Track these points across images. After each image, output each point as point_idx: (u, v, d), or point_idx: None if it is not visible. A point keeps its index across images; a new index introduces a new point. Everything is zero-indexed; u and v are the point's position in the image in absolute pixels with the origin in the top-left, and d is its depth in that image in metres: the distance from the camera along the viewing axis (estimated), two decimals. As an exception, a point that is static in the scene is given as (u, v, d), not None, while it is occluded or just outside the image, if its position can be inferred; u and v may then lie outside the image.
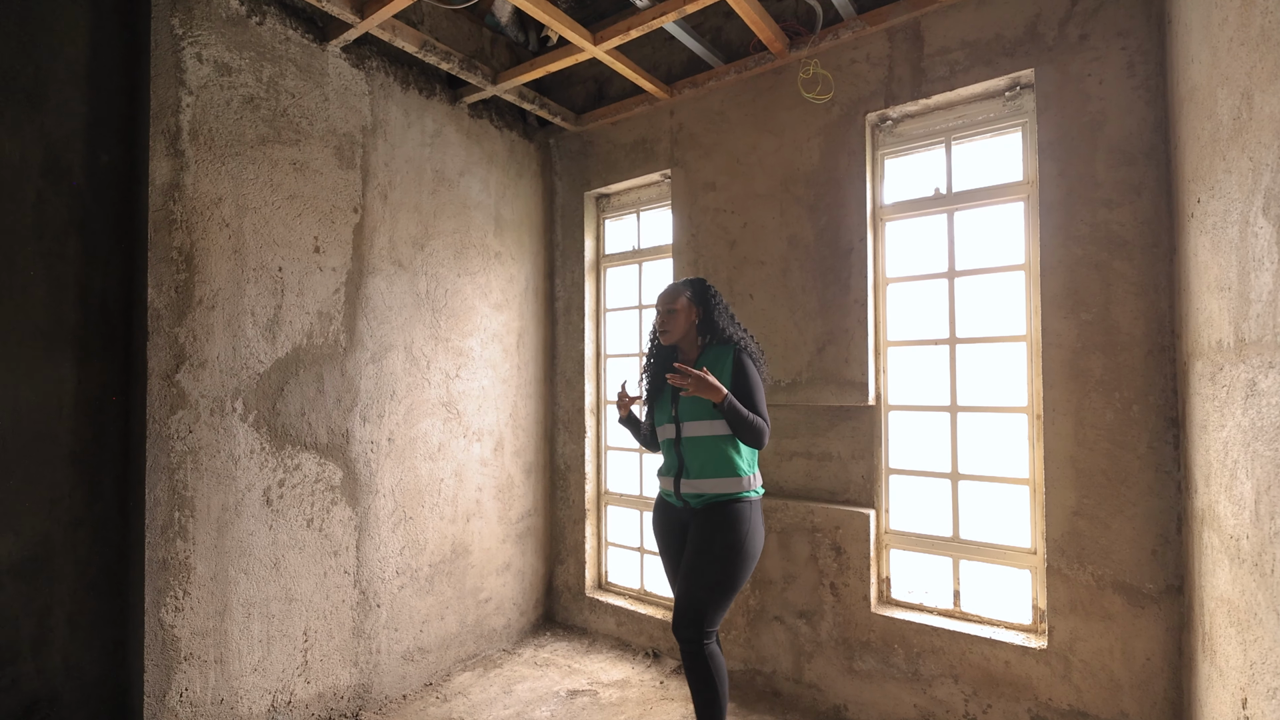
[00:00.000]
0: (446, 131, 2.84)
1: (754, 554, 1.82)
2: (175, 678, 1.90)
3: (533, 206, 3.32)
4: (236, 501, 2.06)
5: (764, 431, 1.81)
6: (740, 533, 1.80)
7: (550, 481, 3.40)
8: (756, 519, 1.84)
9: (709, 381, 1.73)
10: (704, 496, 1.86)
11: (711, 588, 1.78)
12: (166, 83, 1.91)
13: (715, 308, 1.98)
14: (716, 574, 1.78)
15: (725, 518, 1.81)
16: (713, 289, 2.02)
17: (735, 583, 1.79)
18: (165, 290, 1.90)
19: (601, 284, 3.41)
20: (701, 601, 1.78)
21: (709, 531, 1.82)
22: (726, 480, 1.83)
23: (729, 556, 1.78)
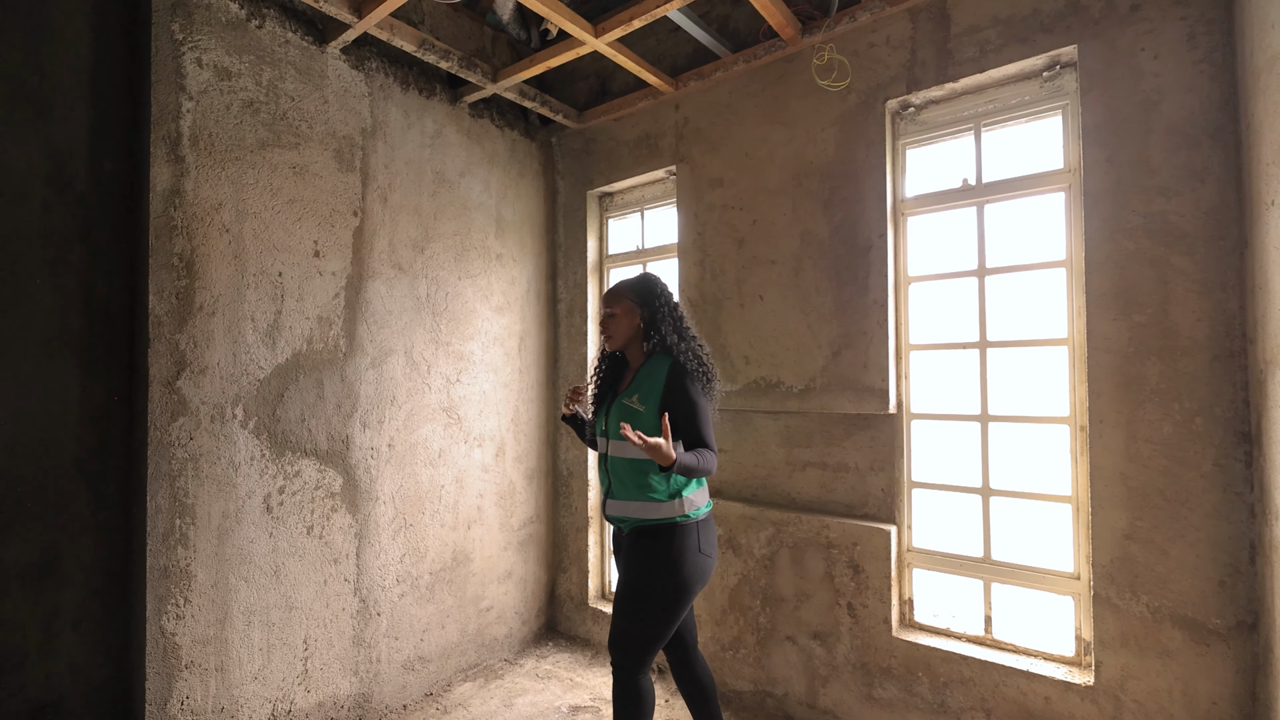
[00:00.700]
0: (447, 132, 2.91)
1: (686, 584, 1.71)
2: (176, 685, 1.99)
3: (535, 207, 3.39)
4: (237, 509, 2.14)
5: (710, 464, 1.72)
6: (659, 563, 1.71)
7: (553, 488, 3.46)
8: (684, 545, 1.72)
9: (662, 451, 1.59)
10: (629, 521, 1.80)
11: (641, 619, 1.72)
12: (167, 88, 2.00)
13: (658, 311, 1.85)
14: (644, 606, 1.72)
15: (651, 546, 1.73)
16: (662, 288, 1.90)
17: (660, 616, 1.71)
18: (166, 297, 1.99)
19: (604, 285, 3.47)
20: (628, 635, 1.73)
21: (634, 560, 1.76)
22: (648, 505, 1.75)
23: (650, 589, 1.71)
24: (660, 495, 1.75)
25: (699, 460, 1.69)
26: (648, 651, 1.73)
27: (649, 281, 1.94)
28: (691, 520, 1.78)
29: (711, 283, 2.93)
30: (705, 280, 2.94)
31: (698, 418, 1.75)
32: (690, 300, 2.98)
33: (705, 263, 2.95)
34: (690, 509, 1.78)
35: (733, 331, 2.84)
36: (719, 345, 2.87)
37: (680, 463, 1.65)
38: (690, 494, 1.79)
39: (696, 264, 2.98)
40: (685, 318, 1.93)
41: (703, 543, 1.77)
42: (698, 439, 1.74)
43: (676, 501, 1.75)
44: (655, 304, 1.88)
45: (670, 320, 1.87)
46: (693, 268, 2.99)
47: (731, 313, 2.85)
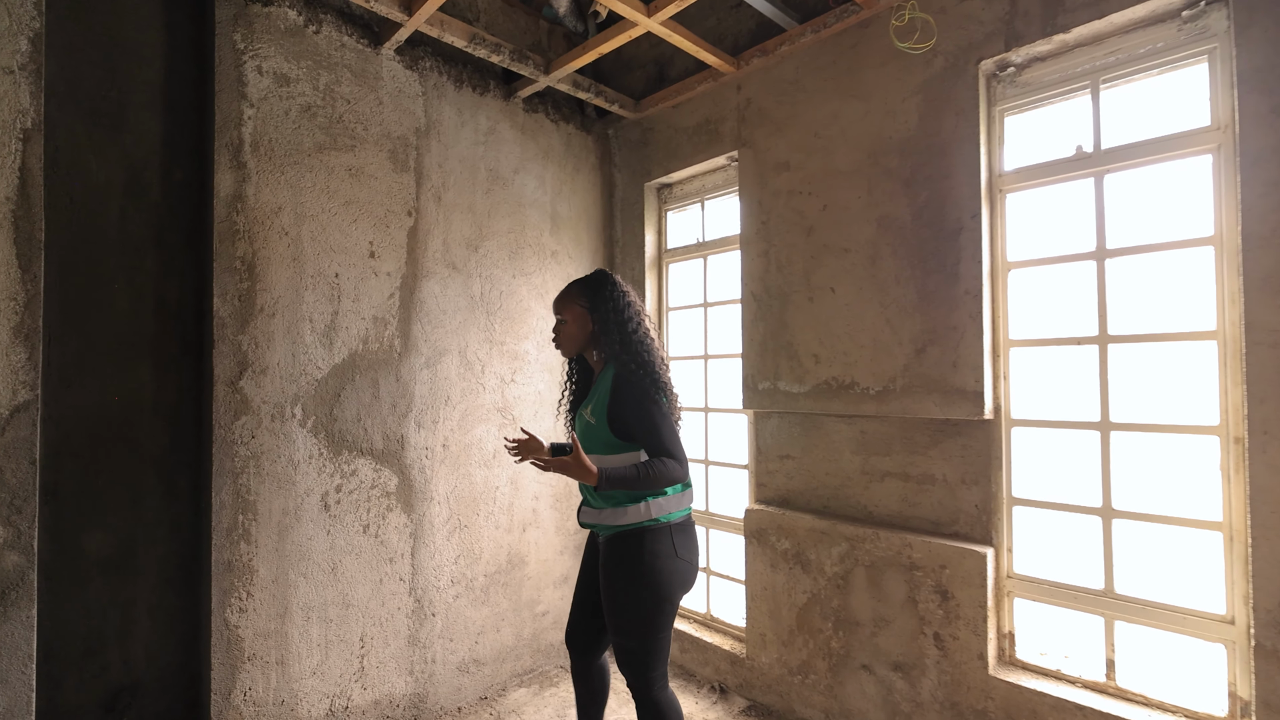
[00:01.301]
0: (500, 128, 2.90)
1: (660, 591, 1.69)
2: (239, 677, 2.07)
3: (591, 201, 3.32)
4: (296, 506, 2.21)
5: (667, 474, 1.65)
6: (637, 570, 1.68)
7: (612, 492, 3.38)
8: (658, 550, 1.70)
9: (578, 468, 1.59)
10: (602, 528, 1.78)
11: (631, 633, 1.70)
12: (229, 97, 2.08)
13: (607, 316, 1.77)
14: (629, 619, 1.70)
15: (624, 553, 1.72)
16: (611, 290, 1.81)
17: (652, 624, 1.70)
18: (229, 299, 2.08)
19: (664, 281, 3.35)
20: (628, 648, 1.72)
21: (610, 569, 1.74)
22: (618, 511, 1.73)
23: (631, 598, 1.69)
24: (633, 500, 1.72)
25: (644, 472, 1.63)
26: (655, 664, 1.72)
27: (599, 282, 1.84)
28: (663, 524, 1.73)
29: (777, 275, 2.73)
30: (770, 273, 2.75)
31: (648, 426, 1.67)
32: (754, 295, 2.80)
33: (770, 254, 2.76)
34: (660, 513, 1.73)
35: (800, 328, 2.64)
36: (784, 342, 2.68)
37: (608, 477, 1.61)
38: (659, 499, 1.74)
39: (760, 255, 2.80)
40: (636, 319, 1.81)
41: (679, 547, 1.74)
42: (656, 448, 1.67)
43: (643, 505, 1.72)
44: (603, 308, 1.79)
45: (615, 326, 1.77)
46: (756, 260, 2.81)
47: (799, 307, 2.65)
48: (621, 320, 1.78)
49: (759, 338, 2.80)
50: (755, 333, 2.81)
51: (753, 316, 2.83)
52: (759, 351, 2.79)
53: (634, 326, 1.79)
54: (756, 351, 2.80)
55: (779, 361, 2.72)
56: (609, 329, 1.77)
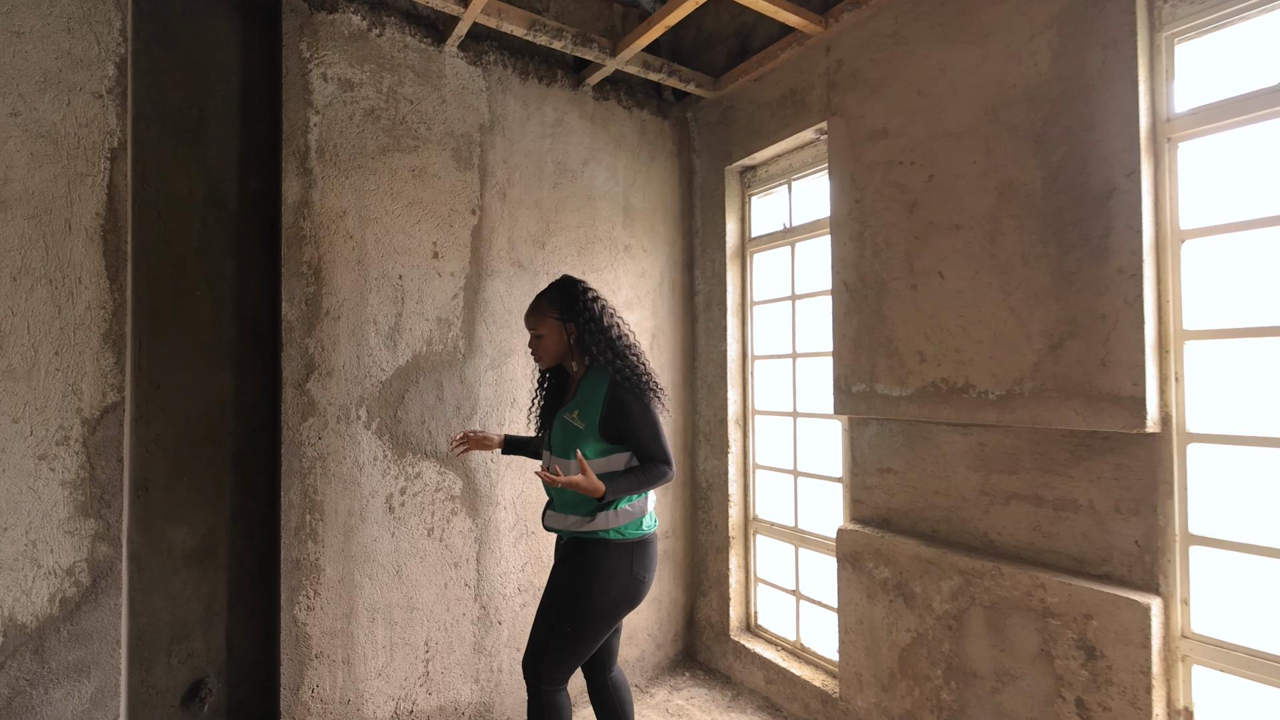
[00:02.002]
0: (569, 119, 2.78)
1: (603, 607, 1.69)
2: (307, 673, 2.11)
3: (667, 191, 3.12)
4: (361, 507, 2.22)
5: (662, 478, 1.70)
6: (585, 579, 1.69)
7: (690, 500, 3.16)
8: (614, 566, 1.70)
9: (582, 486, 1.59)
10: (565, 533, 1.79)
11: (552, 630, 1.71)
12: (296, 105, 2.13)
13: (584, 326, 1.75)
14: (557, 618, 1.71)
15: (578, 559, 1.73)
16: (583, 294, 1.79)
17: (580, 633, 1.69)
18: (297, 303, 2.12)
19: (747, 273, 3.06)
20: (542, 644, 1.72)
21: (562, 570, 1.76)
22: (582, 519, 1.72)
23: (572, 603, 1.70)
24: (593, 509, 1.71)
25: (640, 479, 1.67)
26: (564, 667, 1.72)
27: (568, 291, 1.81)
28: (627, 539, 1.74)
29: (873, 261, 2.36)
30: (865, 258, 2.39)
31: (646, 432, 1.71)
32: (845, 284, 2.45)
33: (864, 236, 2.40)
34: (626, 520, 1.73)
35: (901, 321, 2.26)
36: (882, 338, 2.31)
37: (615, 488, 1.64)
38: (626, 506, 1.73)
39: (853, 239, 2.44)
40: (616, 325, 1.80)
41: (635, 564, 1.74)
42: (648, 454, 1.71)
43: (610, 514, 1.71)
44: (580, 319, 1.77)
45: (599, 335, 1.75)
46: (848, 244, 2.45)
47: (900, 296, 2.27)
48: (603, 327, 1.76)
49: (852, 333, 2.44)
50: (848, 328, 2.46)
51: (845, 309, 2.47)
52: (852, 349, 2.44)
53: (617, 332, 1.78)
54: (849, 349, 2.45)
55: (876, 360, 2.35)
56: (594, 337, 1.75)
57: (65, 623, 1.73)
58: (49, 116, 1.74)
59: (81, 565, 1.76)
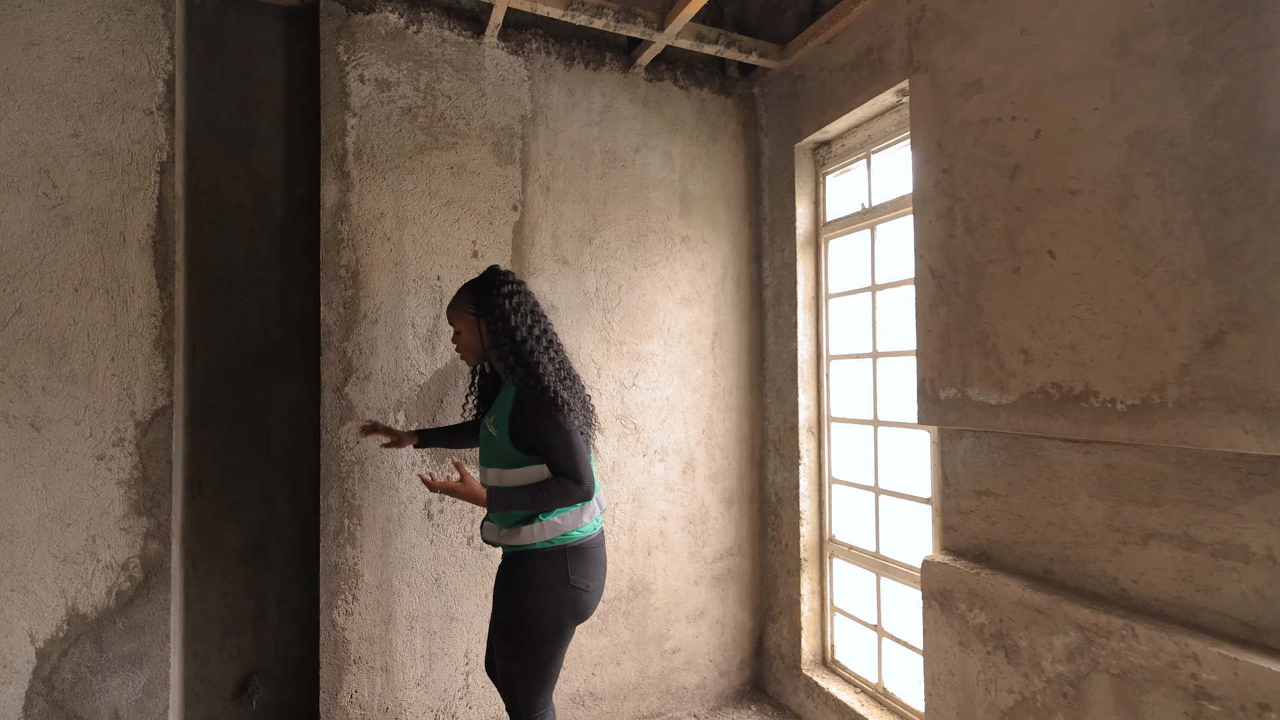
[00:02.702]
0: (618, 104, 2.61)
1: (553, 616, 1.61)
2: (346, 679, 2.11)
3: (730, 175, 2.86)
4: (399, 513, 2.20)
5: (564, 495, 1.56)
6: (521, 597, 1.61)
7: (759, 516, 2.88)
8: (546, 577, 1.61)
9: (460, 493, 1.54)
10: (498, 545, 1.69)
11: (514, 658, 1.63)
12: (334, 109, 2.14)
13: (495, 323, 1.62)
14: (513, 644, 1.63)
15: (510, 576, 1.66)
16: (500, 288, 1.65)
17: (536, 655, 1.62)
18: (335, 307, 2.13)
19: (821, 262, 2.73)
20: (510, 678, 1.65)
21: (500, 590, 1.68)
22: (511, 531, 1.64)
23: (516, 626, 1.62)
24: (516, 521, 1.63)
25: (535, 496, 1.57)
26: (537, 691, 1.65)
27: (484, 285, 1.68)
28: (556, 547, 1.64)
29: (965, 240, 1.97)
30: (955, 238, 2.00)
31: (551, 446, 1.58)
32: (931, 270, 2.07)
33: (954, 212, 2.01)
34: (555, 533, 1.63)
35: (1000, 312, 1.86)
36: (977, 333, 1.92)
37: (498, 500, 1.57)
38: (553, 518, 1.63)
39: (941, 216, 2.05)
40: (529, 323, 1.65)
41: (573, 573, 1.64)
42: (557, 468, 1.59)
43: (536, 526, 1.62)
44: (490, 315, 1.64)
45: (503, 338, 1.62)
46: (934, 223, 2.07)
47: (998, 282, 1.87)
48: (509, 328, 1.62)
49: (939, 328, 2.06)
50: (934, 322, 2.08)
51: (930, 300, 2.09)
52: (940, 347, 2.06)
53: (524, 335, 1.63)
54: (936, 347, 2.07)
55: (969, 360, 1.96)
56: (497, 338, 1.63)
57: (120, 615, 1.82)
58: (105, 135, 1.84)
59: (135, 561, 1.85)
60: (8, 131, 1.75)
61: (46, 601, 1.76)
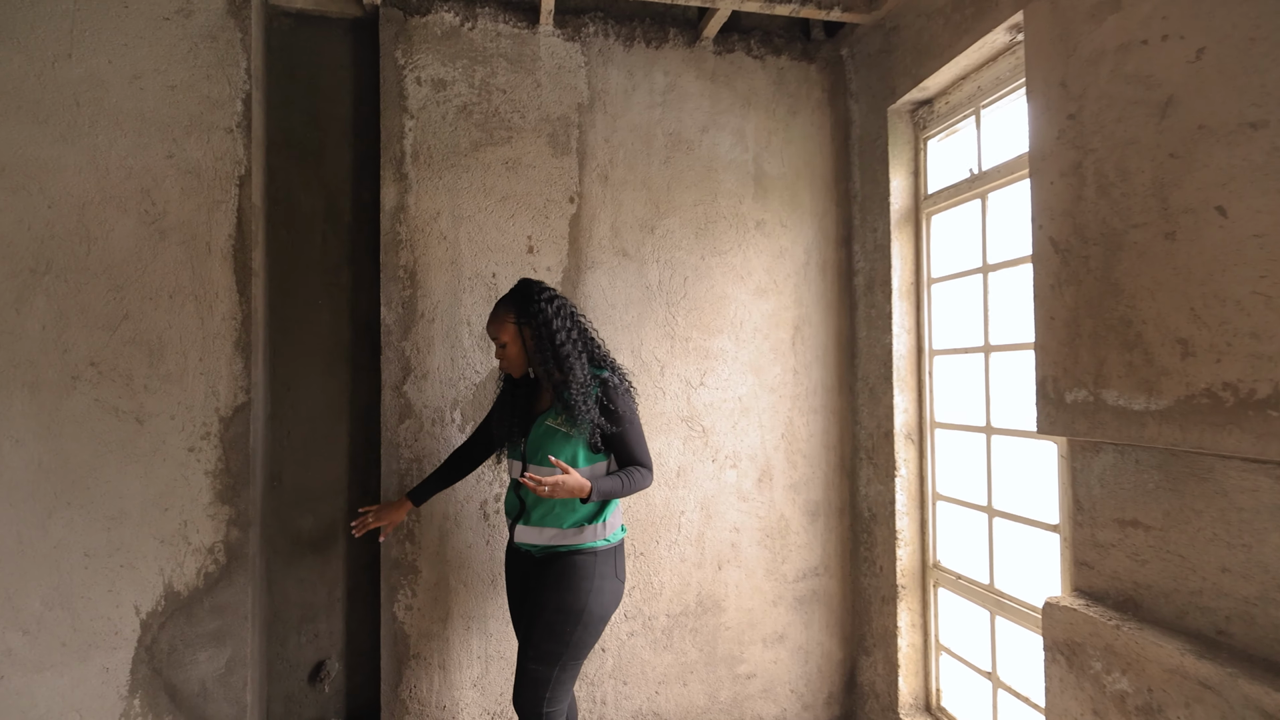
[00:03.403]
0: (683, 82, 2.44)
1: (600, 616, 1.67)
2: (405, 673, 2.15)
3: (814, 151, 2.57)
4: (455, 512, 2.20)
5: (644, 482, 1.69)
6: (580, 593, 1.65)
7: (849, 533, 2.56)
8: (603, 571, 1.69)
9: (568, 486, 1.56)
10: (540, 547, 1.72)
11: (547, 659, 1.63)
12: (393, 113, 2.19)
13: (537, 331, 1.68)
14: (552, 644, 1.63)
15: (563, 574, 1.67)
16: (540, 295, 1.70)
17: (577, 651, 1.65)
18: (394, 307, 2.18)
19: (923, 241, 2.35)
20: (537, 676, 1.64)
21: (544, 590, 1.68)
22: (567, 531, 1.68)
23: (565, 622, 1.63)
24: (587, 519, 1.70)
25: (626, 482, 1.66)
26: (563, 695, 1.66)
27: (524, 294, 1.74)
28: (610, 545, 1.72)
29: (1098, 202, 1.57)
30: (1084, 200, 1.60)
31: (628, 439, 1.69)
32: (1054, 242, 1.68)
33: (1084, 167, 1.61)
34: (610, 532, 1.73)
35: (1147, 291, 1.45)
36: (1115, 319, 1.51)
37: (599, 490, 1.61)
38: (610, 517, 1.73)
39: (1066, 173, 1.66)
40: (566, 330, 1.69)
41: (619, 568, 1.74)
42: (631, 457, 1.70)
43: (600, 525, 1.70)
44: (533, 323, 1.69)
45: (546, 342, 1.67)
46: (1057, 183, 1.68)
47: (1145, 253, 1.46)
48: (552, 331, 1.68)
49: (1064, 314, 1.66)
50: (1057, 306, 1.68)
51: (1053, 279, 1.70)
52: (1064, 337, 1.66)
53: (563, 338, 1.68)
54: (1059, 338, 1.67)
55: (1103, 353, 1.55)
56: (541, 343, 1.69)
57: (207, 595, 1.99)
58: (194, 154, 2.02)
59: (219, 546, 2.01)
60: (117, 158, 1.97)
61: (148, 578, 1.96)
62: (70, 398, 1.92)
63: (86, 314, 1.94)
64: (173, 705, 1.97)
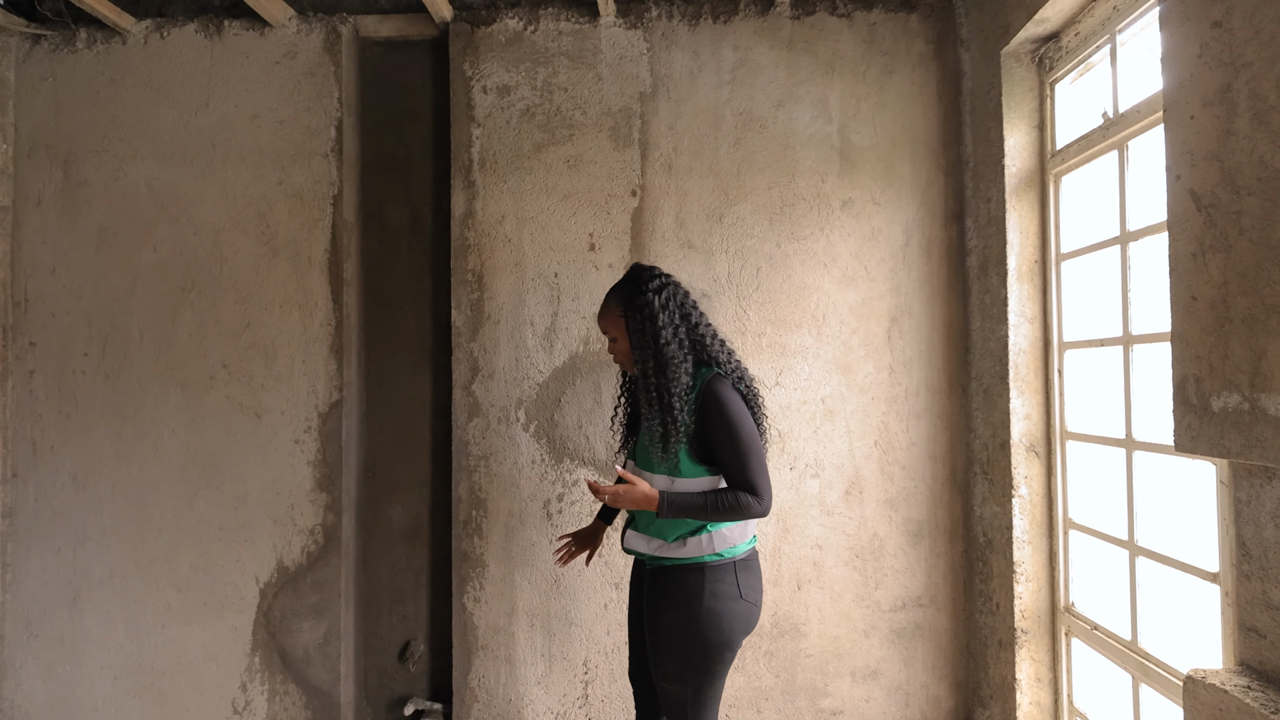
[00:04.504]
0: (754, 56, 2.35)
1: (719, 642, 1.55)
2: (474, 663, 2.33)
3: (916, 113, 2.32)
4: (520, 509, 2.34)
5: (741, 509, 1.51)
6: (690, 614, 1.56)
7: (962, 560, 2.27)
8: (717, 590, 1.56)
9: (633, 497, 1.53)
10: (649, 557, 1.65)
11: (674, 680, 1.59)
12: (462, 124, 2.39)
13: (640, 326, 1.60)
14: (673, 665, 1.58)
15: (672, 591, 1.60)
16: (649, 283, 1.62)
17: (702, 677, 1.57)
18: (464, 309, 2.37)
19: (1050, 209, 2.02)
20: (670, 695, 1.61)
21: (655, 608, 1.63)
22: (671, 544, 1.60)
23: (680, 645, 1.57)
24: (690, 531, 1.59)
25: (713, 502, 1.53)
26: (710, 714, 1.62)
27: (632, 283, 1.65)
28: (726, 560, 1.60)
29: (1253, 136, 1.24)
30: (1234, 135, 1.28)
31: (738, 451, 1.54)
32: (1195, 195, 1.36)
33: (1234, 90, 1.28)
34: (724, 546, 1.60)
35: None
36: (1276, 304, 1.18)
37: (671, 504, 1.53)
38: (723, 529, 1.60)
39: (1211, 101, 1.33)
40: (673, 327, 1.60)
41: (743, 587, 1.61)
42: (733, 477, 1.55)
43: (704, 538, 1.58)
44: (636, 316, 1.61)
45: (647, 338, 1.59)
46: (1199, 115, 1.35)
47: (1316, 205, 1.12)
48: (656, 328, 1.58)
49: (1209, 291, 1.33)
50: (1199, 281, 1.35)
51: (1194, 244, 1.37)
52: (1210, 324, 1.33)
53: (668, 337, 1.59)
54: (1203, 324, 1.34)
55: (1264, 344, 1.22)
56: (641, 339, 1.60)
57: (309, 571, 2.34)
58: (298, 179, 2.38)
59: (318, 528, 2.34)
60: (240, 188, 2.39)
61: (264, 552, 2.35)
62: (208, 395, 2.37)
63: (219, 323, 2.38)
64: (283, 666, 2.34)
